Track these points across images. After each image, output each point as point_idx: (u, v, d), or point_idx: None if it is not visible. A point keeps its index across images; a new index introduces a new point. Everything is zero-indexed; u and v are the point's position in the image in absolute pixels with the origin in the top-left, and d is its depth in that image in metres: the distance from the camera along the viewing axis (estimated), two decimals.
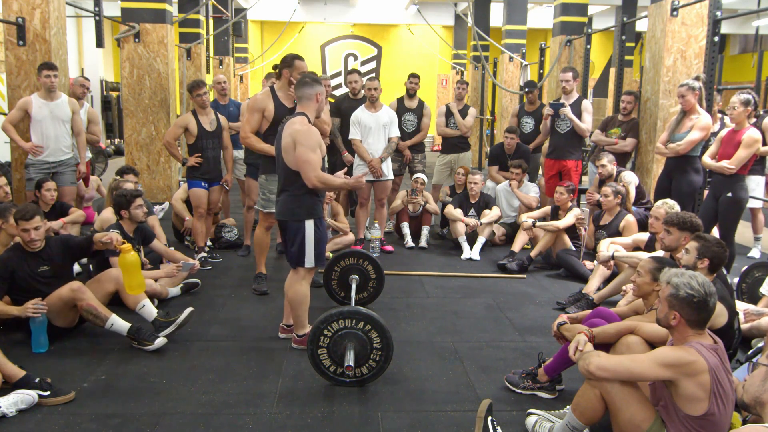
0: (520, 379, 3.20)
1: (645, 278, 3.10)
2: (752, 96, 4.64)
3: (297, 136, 3.36)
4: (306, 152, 3.33)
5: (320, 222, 3.55)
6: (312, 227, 3.49)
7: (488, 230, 6.01)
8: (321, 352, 3.16)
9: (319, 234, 3.52)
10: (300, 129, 3.38)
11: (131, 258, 3.60)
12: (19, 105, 5.28)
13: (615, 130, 6.41)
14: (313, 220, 3.50)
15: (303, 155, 3.33)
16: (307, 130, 3.38)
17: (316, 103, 3.55)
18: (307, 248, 3.49)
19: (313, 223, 3.50)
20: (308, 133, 3.37)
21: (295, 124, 3.42)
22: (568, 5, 8.72)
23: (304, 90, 3.54)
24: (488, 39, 12.41)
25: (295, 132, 3.38)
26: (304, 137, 3.35)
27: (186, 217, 5.88)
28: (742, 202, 4.73)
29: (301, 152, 3.34)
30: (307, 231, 3.48)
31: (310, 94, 3.52)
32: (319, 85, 3.56)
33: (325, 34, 20.28)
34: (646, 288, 3.11)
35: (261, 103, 4.38)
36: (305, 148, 3.33)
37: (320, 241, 3.53)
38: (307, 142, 3.34)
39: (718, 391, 2.26)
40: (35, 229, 3.58)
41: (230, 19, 13.75)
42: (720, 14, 5.21)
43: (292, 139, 3.38)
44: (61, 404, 2.96)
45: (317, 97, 3.54)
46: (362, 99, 6.15)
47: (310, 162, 3.34)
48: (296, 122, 3.44)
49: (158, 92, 8.11)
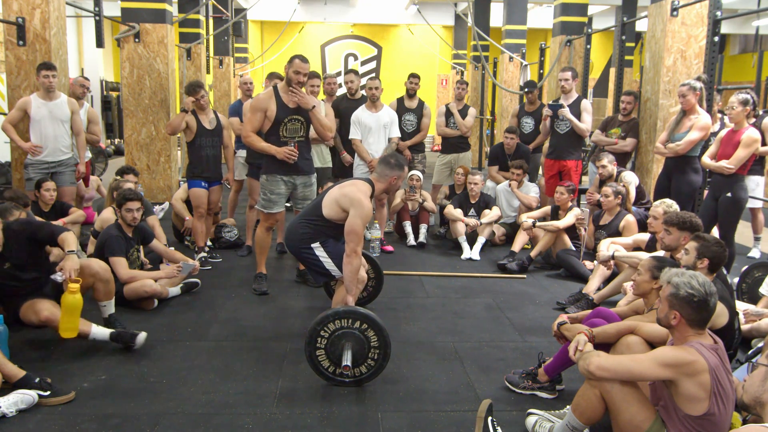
0: (520, 379, 3.20)
1: (644, 276, 3.10)
2: (751, 96, 4.65)
3: (356, 204, 3.45)
4: (359, 224, 3.43)
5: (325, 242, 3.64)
6: (320, 247, 3.62)
7: (488, 230, 6.01)
8: (319, 353, 3.16)
9: (329, 248, 3.63)
10: (362, 200, 3.47)
11: (74, 300, 3.38)
12: (18, 105, 5.28)
13: (615, 130, 6.41)
14: (319, 242, 3.62)
15: (355, 226, 3.42)
16: (367, 205, 3.48)
17: (387, 185, 3.68)
18: (326, 265, 3.62)
19: (320, 243, 3.62)
20: (367, 208, 3.47)
21: (360, 192, 3.51)
22: (568, 5, 8.72)
23: (383, 168, 3.67)
24: (488, 39, 12.41)
25: (355, 199, 3.47)
26: (362, 210, 3.45)
27: (186, 217, 5.89)
28: (742, 202, 4.73)
29: (355, 223, 3.43)
30: (318, 252, 3.62)
31: (387, 174, 3.66)
32: (399, 170, 3.66)
33: (325, 34, 20.28)
34: (646, 286, 3.11)
35: (263, 103, 4.39)
36: (359, 221, 3.43)
37: (336, 254, 3.61)
38: (363, 216, 3.45)
39: (719, 391, 2.26)
40: None
41: (230, 19, 13.74)
42: (720, 14, 5.21)
43: (349, 201, 3.47)
44: (61, 404, 2.97)
45: (391, 180, 3.67)
46: (360, 99, 6.15)
47: (359, 235, 3.43)
48: (362, 189, 3.55)
49: (158, 92, 8.11)
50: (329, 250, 3.62)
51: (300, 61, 4.36)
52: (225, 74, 14.29)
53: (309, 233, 3.62)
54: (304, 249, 3.64)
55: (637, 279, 3.15)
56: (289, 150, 4.40)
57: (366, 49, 20.62)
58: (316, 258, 3.62)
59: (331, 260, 3.61)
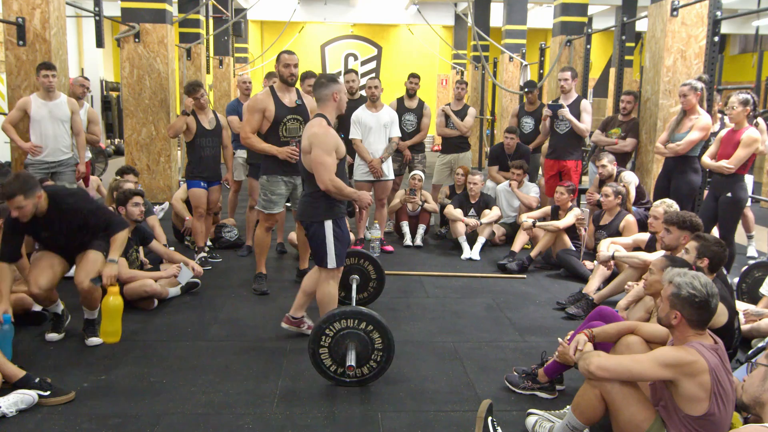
0: (520, 379, 3.20)
1: (656, 276, 3.08)
2: (751, 96, 4.65)
3: (313, 139, 3.36)
4: (321, 155, 3.33)
5: (341, 222, 3.53)
6: (331, 227, 3.47)
7: (488, 230, 6.01)
8: (322, 352, 3.16)
9: (340, 234, 3.51)
10: (317, 132, 3.37)
11: (114, 304, 3.55)
12: (18, 105, 5.28)
13: (615, 130, 6.41)
14: (333, 219, 3.48)
15: (318, 157, 3.33)
16: (323, 133, 3.37)
17: (334, 102, 3.52)
18: (329, 249, 3.48)
19: (333, 222, 3.48)
20: (324, 136, 3.36)
21: (313, 127, 3.42)
22: (568, 5, 8.71)
23: (320, 91, 3.51)
24: (488, 39, 12.41)
25: (311, 135, 3.38)
26: (320, 140, 3.34)
27: (186, 217, 5.89)
28: (742, 201, 4.74)
29: (316, 154, 3.34)
30: (327, 231, 3.47)
31: (327, 94, 3.50)
32: (336, 83, 3.52)
33: (325, 34, 20.28)
34: (657, 286, 3.10)
35: (261, 103, 4.38)
36: (321, 151, 3.33)
37: (342, 241, 3.52)
38: (323, 145, 3.34)
39: (719, 391, 2.26)
40: None
41: (230, 19, 13.74)
42: (720, 14, 5.21)
43: (309, 142, 3.38)
44: (61, 404, 2.97)
45: (334, 96, 3.50)
46: (359, 99, 6.15)
47: (324, 164, 3.33)
48: (314, 125, 3.44)
49: (158, 92, 8.11)
50: (337, 237, 3.48)
51: (286, 54, 4.38)
52: (225, 74, 14.29)
53: (322, 206, 3.46)
54: (315, 225, 3.49)
55: (648, 278, 3.15)
56: (291, 150, 4.40)
57: (366, 49, 20.62)
58: (323, 238, 3.47)
59: (335, 247, 3.47)
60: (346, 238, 3.57)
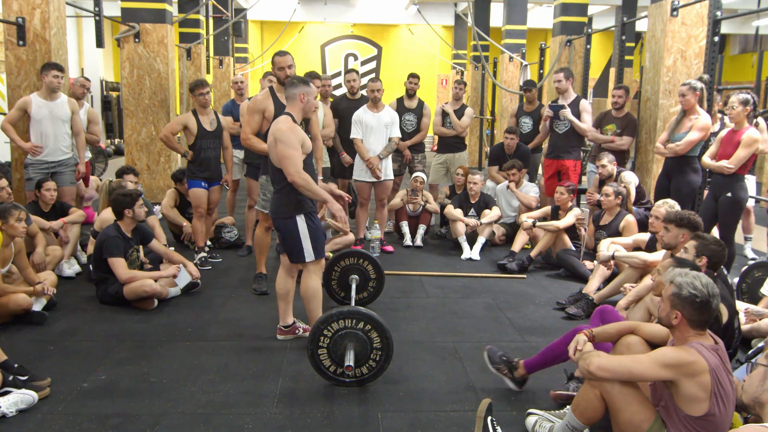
0: (499, 360, 3.20)
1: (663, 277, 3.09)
2: (751, 96, 4.65)
3: (278, 135, 3.41)
4: (285, 149, 3.37)
5: (312, 215, 3.55)
6: (303, 221, 3.50)
7: (488, 230, 6.01)
8: (321, 352, 3.16)
9: (313, 227, 3.53)
10: (281, 128, 3.43)
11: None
12: (18, 105, 5.27)
13: (610, 126, 6.37)
14: (304, 214, 3.51)
15: (282, 151, 3.38)
16: (288, 129, 3.42)
17: (300, 103, 3.57)
18: (304, 243, 3.50)
19: (304, 217, 3.51)
20: (289, 131, 3.41)
21: (279, 123, 3.48)
22: (568, 5, 8.71)
23: (289, 90, 3.59)
24: (488, 39, 12.41)
25: (276, 131, 3.43)
26: (284, 135, 3.40)
27: (183, 223, 5.87)
28: (742, 202, 4.74)
29: (281, 149, 3.38)
30: (300, 226, 3.50)
31: (295, 94, 3.56)
32: (304, 85, 3.58)
33: (325, 34, 20.27)
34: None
35: (261, 104, 4.39)
36: (284, 145, 3.38)
37: (316, 234, 3.53)
38: (287, 140, 3.39)
39: (719, 391, 2.26)
40: None
41: (230, 19, 13.74)
42: (720, 14, 5.21)
43: (274, 137, 3.43)
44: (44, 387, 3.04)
45: (301, 97, 3.56)
46: (360, 98, 6.14)
47: (289, 157, 3.37)
48: (280, 121, 3.49)
49: (158, 92, 8.11)
50: (311, 228, 3.49)
51: (278, 57, 4.40)
52: (225, 74, 14.29)
53: (291, 202, 3.48)
54: (287, 221, 3.50)
55: (656, 279, 3.15)
56: None
57: (366, 49, 20.61)
58: (296, 234, 3.49)
59: (310, 240, 3.49)
60: (320, 230, 3.58)
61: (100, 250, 4.29)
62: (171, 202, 5.95)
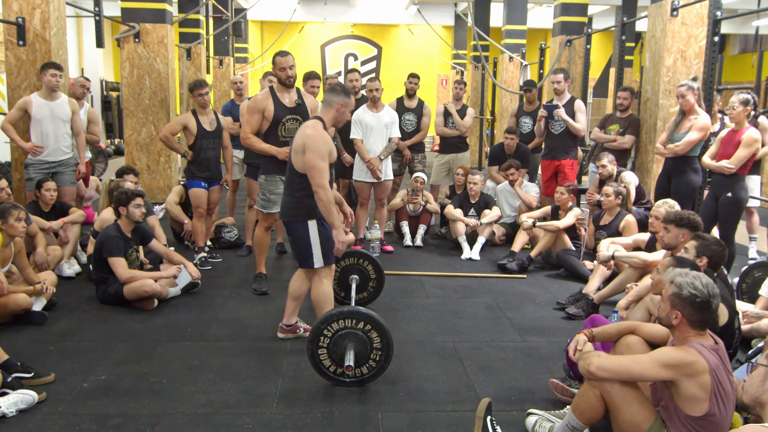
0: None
1: (663, 276, 3.09)
2: (751, 96, 4.65)
3: (308, 141, 3.36)
4: (315, 159, 3.33)
5: (323, 221, 3.52)
6: (315, 226, 3.49)
7: (488, 230, 6.01)
8: (321, 352, 3.16)
9: (324, 233, 3.51)
10: (312, 134, 3.37)
11: None
12: (18, 105, 5.27)
13: (613, 126, 6.40)
14: (316, 219, 3.49)
15: (312, 161, 3.33)
16: (318, 136, 3.37)
17: (335, 112, 3.54)
18: (314, 249, 3.49)
19: (317, 222, 3.49)
20: (320, 140, 3.37)
21: (308, 128, 3.42)
22: (568, 5, 8.71)
23: (329, 95, 3.55)
24: (488, 39, 12.41)
25: (306, 136, 3.38)
26: (315, 143, 3.35)
27: (184, 221, 5.87)
28: (742, 202, 4.73)
29: (310, 158, 3.34)
30: (311, 231, 3.48)
31: (333, 101, 3.53)
32: (345, 96, 3.54)
33: (325, 34, 20.28)
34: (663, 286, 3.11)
35: (261, 104, 4.39)
36: (315, 155, 3.33)
37: (327, 240, 3.51)
38: (318, 149, 3.34)
39: (719, 391, 2.26)
40: None
41: (230, 19, 13.75)
42: (720, 14, 5.21)
43: (303, 142, 3.38)
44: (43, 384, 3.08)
45: (338, 107, 3.53)
46: (361, 98, 6.14)
47: (319, 169, 3.34)
48: (309, 126, 3.44)
49: (158, 92, 8.11)
50: (322, 235, 3.48)
51: (280, 57, 4.38)
52: (225, 74, 14.29)
53: (305, 206, 3.47)
54: (298, 225, 3.49)
55: (655, 278, 3.16)
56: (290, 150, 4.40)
57: (366, 49, 20.62)
58: (306, 238, 3.48)
59: (320, 245, 3.48)
60: (330, 236, 3.55)
61: (100, 250, 4.29)
62: (176, 198, 5.95)
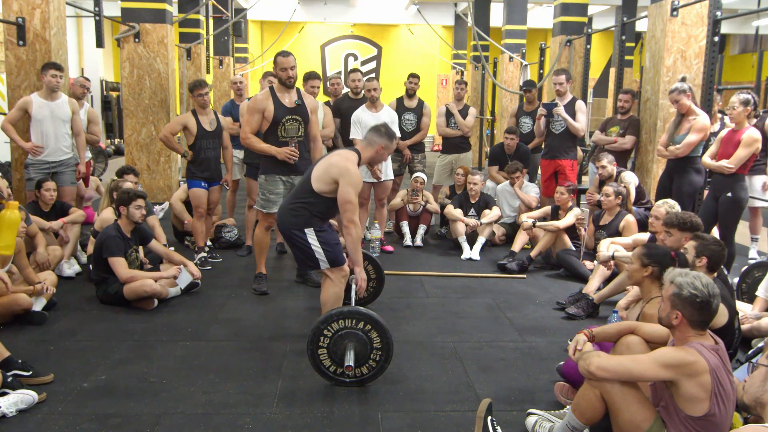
0: None
1: (635, 265, 3.18)
2: (752, 96, 4.65)
3: (345, 174, 3.39)
4: (351, 194, 3.37)
5: (320, 227, 3.56)
6: (314, 233, 3.52)
7: (488, 230, 6.01)
8: (321, 352, 3.16)
9: (324, 236, 3.53)
10: (349, 168, 3.40)
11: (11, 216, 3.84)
12: (18, 105, 5.27)
13: (614, 128, 6.41)
14: (313, 228, 3.52)
15: (348, 195, 3.37)
16: (355, 172, 3.41)
17: (374, 152, 3.59)
18: (317, 254, 3.52)
19: (314, 230, 3.52)
20: (355, 175, 3.41)
21: (348, 161, 3.45)
22: (568, 5, 8.72)
23: (373, 135, 3.60)
24: (488, 39, 12.41)
25: (343, 168, 3.40)
26: (353, 179, 3.39)
27: (186, 219, 5.88)
28: (742, 202, 4.73)
29: (347, 192, 3.37)
30: (309, 238, 3.51)
31: (375, 141, 3.57)
32: (388, 140, 3.59)
33: (325, 34, 20.28)
34: (637, 275, 3.18)
35: (261, 104, 4.39)
36: (352, 189, 3.37)
37: (328, 242, 3.53)
38: (356, 185, 3.40)
39: (719, 391, 2.25)
40: None
41: (230, 19, 13.75)
42: (720, 14, 5.21)
43: (338, 170, 3.41)
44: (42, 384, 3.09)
45: (379, 148, 3.57)
46: (363, 98, 6.14)
47: (354, 204, 3.38)
48: (348, 158, 3.48)
49: (158, 92, 8.11)
50: (322, 240, 3.51)
51: (281, 57, 4.39)
52: (225, 74, 14.29)
53: (304, 216, 3.51)
54: (296, 232, 3.52)
55: (629, 268, 3.19)
56: (290, 150, 4.41)
57: (366, 49, 20.62)
58: (307, 244, 3.51)
59: (322, 250, 3.50)
60: (333, 239, 3.58)
61: (100, 250, 4.29)
62: (183, 195, 5.94)
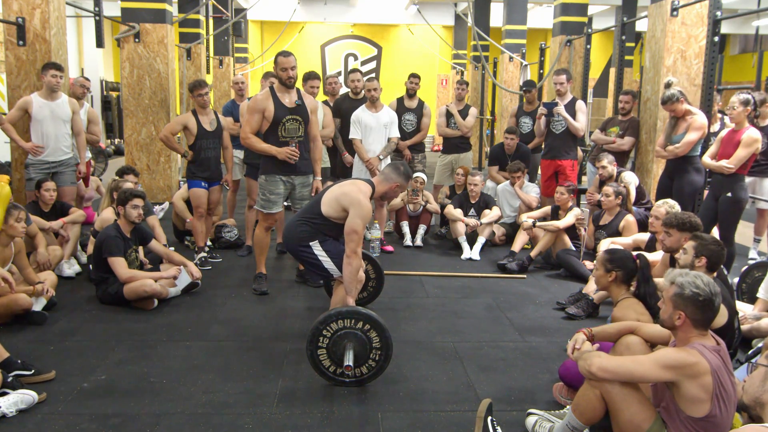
0: None
1: (599, 271, 3.21)
2: (751, 96, 4.65)
3: (355, 204, 3.41)
4: (360, 225, 3.39)
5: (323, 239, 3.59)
6: (318, 244, 3.57)
7: (488, 230, 6.01)
8: (320, 353, 3.16)
9: (329, 245, 3.58)
10: (361, 200, 3.42)
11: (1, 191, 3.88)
12: (18, 105, 5.27)
13: (614, 129, 6.42)
14: (317, 240, 3.57)
15: (356, 226, 3.38)
16: (366, 205, 3.43)
17: (389, 188, 3.62)
18: (326, 264, 3.56)
19: (317, 241, 3.57)
20: (366, 208, 3.42)
21: (360, 192, 3.46)
22: (568, 5, 8.72)
23: (391, 171, 3.63)
24: (488, 39, 12.42)
25: (355, 199, 3.42)
26: (363, 211, 3.40)
27: (187, 218, 5.88)
28: (742, 202, 4.73)
29: (356, 224, 3.38)
30: (315, 251, 3.57)
31: (392, 178, 3.61)
32: (404, 179, 3.62)
33: (325, 34, 20.28)
34: (603, 281, 3.22)
35: (261, 104, 4.39)
36: (360, 221, 3.39)
37: (334, 251, 3.57)
38: (364, 217, 3.41)
39: (720, 392, 2.25)
40: None
41: (230, 19, 13.75)
42: (720, 14, 5.21)
43: (349, 200, 3.43)
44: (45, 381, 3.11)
45: (393, 186, 3.60)
46: (363, 99, 6.14)
47: (360, 235, 3.40)
48: (362, 189, 3.50)
49: (158, 92, 8.11)
50: (328, 249, 3.57)
51: (282, 57, 4.40)
52: (225, 74, 14.29)
53: (307, 231, 3.58)
54: (302, 248, 3.59)
55: (595, 274, 3.21)
56: (290, 150, 4.41)
57: (366, 49, 20.62)
58: (314, 257, 3.58)
59: (330, 259, 3.56)
60: (335, 246, 3.60)
61: (99, 250, 4.29)
62: (185, 194, 5.93)
